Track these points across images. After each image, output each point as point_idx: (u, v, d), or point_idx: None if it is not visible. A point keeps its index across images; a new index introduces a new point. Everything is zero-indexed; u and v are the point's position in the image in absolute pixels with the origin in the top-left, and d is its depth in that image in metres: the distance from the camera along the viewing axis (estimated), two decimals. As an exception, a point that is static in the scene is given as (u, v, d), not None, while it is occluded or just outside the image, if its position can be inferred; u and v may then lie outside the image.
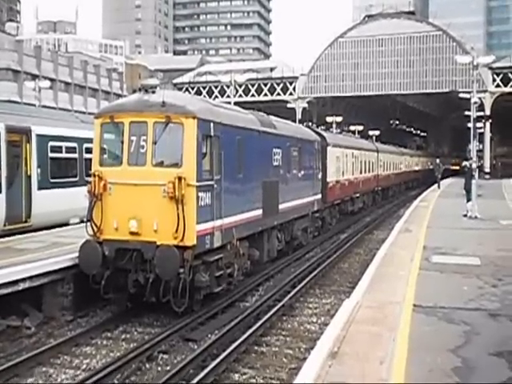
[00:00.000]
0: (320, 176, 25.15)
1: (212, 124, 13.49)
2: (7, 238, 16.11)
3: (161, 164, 12.86)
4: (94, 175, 13.02)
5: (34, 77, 63.84)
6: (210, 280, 13.31)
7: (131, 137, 12.93)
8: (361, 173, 37.10)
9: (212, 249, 13.45)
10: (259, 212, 16.83)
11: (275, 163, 18.52)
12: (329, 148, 27.97)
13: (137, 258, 12.58)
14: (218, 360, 10.45)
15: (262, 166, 17.31)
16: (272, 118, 19.88)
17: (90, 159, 13.96)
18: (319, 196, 24.77)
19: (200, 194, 12.81)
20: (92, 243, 12.81)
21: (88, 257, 12.73)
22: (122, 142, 13.01)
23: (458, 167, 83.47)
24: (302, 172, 21.91)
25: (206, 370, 9.96)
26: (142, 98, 13.33)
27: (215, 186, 13.47)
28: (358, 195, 35.53)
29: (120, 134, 13.12)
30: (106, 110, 14.15)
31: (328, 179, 27.39)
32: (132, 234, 12.62)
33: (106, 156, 13.66)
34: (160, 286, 12.30)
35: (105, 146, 13.66)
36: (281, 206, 18.92)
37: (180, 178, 12.30)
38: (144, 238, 12.53)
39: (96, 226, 13.00)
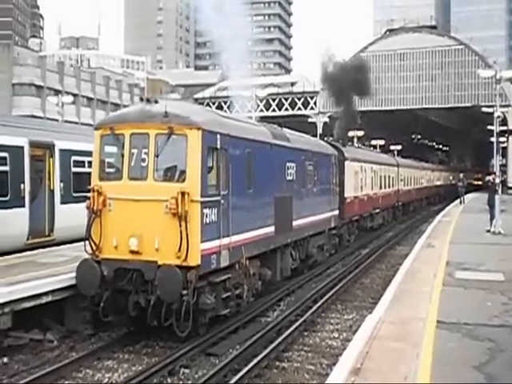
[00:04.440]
0: (337, 191, 24.37)
1: (219, 136, 12.76)
2: (30, 252, 16.23)
3: (163, 178, 12.17)
4: (93, 190, 12.30)
5: (57, 92, 64.74)
6: (217, 302, 12.55)
7: (132, 149, 12.24)
8: (380, 188, 36.32)
9: (218, 269, 12.66)
10: (271, 229, 15.99)
11: (289, 178, 17.70)
12: (347, 162, 27.17)
13: (137, 278, 11.87)
14: (239, 375, 10.40)
15: (274, 181, 16.50)
16: (286, 130, 19.17)
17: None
18: (336, 212, 23.94)
19: (205, 211, 12.03)
20: (90, 262, 12.13)
21: (86, 277, 12.04)
22: (123, 155, 12.33)
23: (480, 182, 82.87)
24: (318, 187, 21.09)
25: (227, 385, 9.94)
26: (144, 108, 12.63)
27: (222, 201, 12.70)
28: (377, 211, 34.74)
29: (120, 147, 12.44)
30: (106, 121, 13.57)
31: (346, 194, 26.57)
32: (132, 252, 11.90)
33: (105, 170, 12.96)
34: (162, 309, 11.68)
35: (104, 160, 12.98)
36: (295, 223, 18.09)
37: (183, 194, 11.54)
38: (145, 258, 11.82)
39: (95, 243, 12.30)
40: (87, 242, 12.39)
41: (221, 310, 12.93)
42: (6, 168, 16.41)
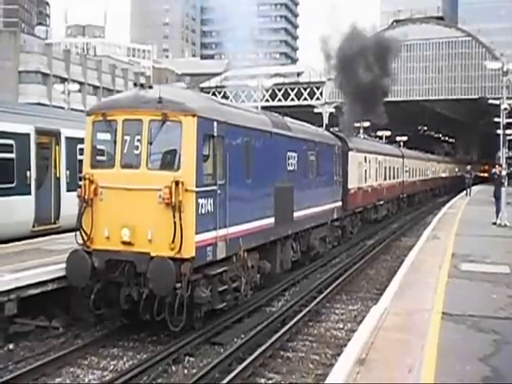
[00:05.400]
0: (340, 182, 23.98)
1: (215, 123, 12.28)
2: (36, 239, 16.29)
3: (157, 167, 11.75)
4: (85, 178, 11.94)
5: (63, 80, 64.67)
6: (212, 295, 12.15)
7: (125, 136, 11.81)
8: (385, 179, 35.95)
9: (215, 261, 12.27)
10: (271, 220, 15.56)
11: (290, 168, 17.25)
12: (350, 153, 26.61)
13: (129, 270, 11.47)
14: (244, 364, 10.44)
15: (275, 171, 16.05)
16: (287, 119, 18.77)
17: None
18: (339, 203, 23.58)
19: (200, 201, 11.60)
20: (80, 253, 11.77)
21: (76, 268, 11.70)
22: (115, 142, 11.89)
23: (486, 174, 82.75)
24: (320, 178, 20.64)
25: (232, 374, 9.96)
26: (137, 93, 12.19)
27: (219, 191, 12.26)
28: (381, 202, 34.37)
29: (113, 133, 11.97)
30: (99, 107, 13.09)
31: (349, 186, 26.06)
32: (124, 243, 11.49)
33: (97, 157, 12.53)
34: (155, 302, 11.29)
35: (96, 147, 12.56)
36: (296, 214, 17.68)
37: (177, 183, 11.11)
38: (137, 249, 11.41)
39: (86, 234, 11.96)
40: (78, 233, 12.10)
41: (217, 303, 12.54)
42: (12, 155, 16.44)
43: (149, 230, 11.36)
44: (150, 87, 12.34)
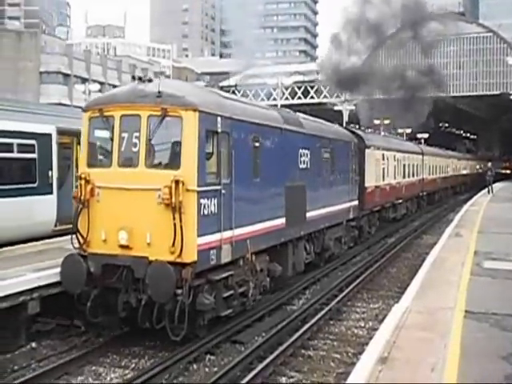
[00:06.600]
0: (357, 181, 23.22)
1: (219, 118, 11.62)
2: (59, 239, 16.36)
3: (156, 165, 11.13)
4: (81, 178, 11.38)
5: (84, 80, 65.14)
6: (217, 302, 11.49)
7: (122, 133, 11.19)
8: (404, 177, 35.17)
9: (219, 265, 11.62)
10: (281, 221, 14.84)
11: (302, 166, 16.53)
12: (367, 150, 25.86)
13: (127, 275, 10.91)
14: (265, 363, 10.44)
15: (286, 169, 15.33)
16: (299, 115, 17.92)
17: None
18: (355, 202, 22.84)
19: (202, 201, 10.94)
20: (75, 257, 11.21)
21: (71, 273, 11.13)
22: (112, 140, 11.30)
23: (508, 171, 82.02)
24: (335, 176, 19.91)
25: (253, 373, 9.97)
26: (136, 87, 11.55)
27: (223, 191, 11.57)
28: (400, 201, 33.57)
29: (110, 130, 11.37)
30: (95, 102, 12.31)
31: (366, 184, 25.41)
32: (122, 247, 10.90)
33: (94, 156, 11.91)
34: (155, 309, 10.74)
35: (93, 144, 11.98)
36: (308, 214, 16.97)
37: (177, 182, 10.48)
38: (135, 253, 10.82)
39: (82, 237, 11.41)
40: (74, 236, 11.57)
41: (222, 310, 11.90)
42: (34, 155, 16.54)
43: (147, 233, 10.78)
44: (150, 80, 11.81)
